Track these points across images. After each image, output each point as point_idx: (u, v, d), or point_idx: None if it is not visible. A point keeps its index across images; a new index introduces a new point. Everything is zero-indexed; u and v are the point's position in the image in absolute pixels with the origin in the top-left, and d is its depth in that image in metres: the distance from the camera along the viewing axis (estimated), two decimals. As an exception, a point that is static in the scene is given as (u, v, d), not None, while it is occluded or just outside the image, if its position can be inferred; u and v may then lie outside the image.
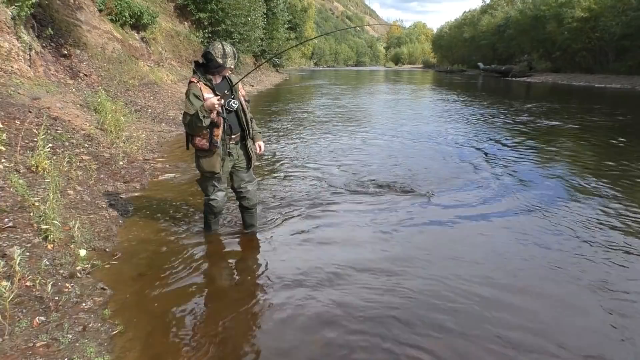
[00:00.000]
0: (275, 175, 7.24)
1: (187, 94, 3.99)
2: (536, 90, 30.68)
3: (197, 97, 3.90)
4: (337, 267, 4.04)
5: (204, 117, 3.81)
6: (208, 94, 3.93)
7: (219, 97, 3.87)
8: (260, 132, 4.54)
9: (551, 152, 9.25)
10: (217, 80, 4.10)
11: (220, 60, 3.94)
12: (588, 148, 9.76)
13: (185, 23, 23.10)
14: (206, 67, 4.04)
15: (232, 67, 4.07)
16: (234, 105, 4.04)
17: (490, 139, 10.62)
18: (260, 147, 4.45)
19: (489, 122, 13.64)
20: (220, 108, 3.91)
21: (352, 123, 13.62)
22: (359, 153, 9.12)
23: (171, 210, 5.30)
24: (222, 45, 3.96)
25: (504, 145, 9.93)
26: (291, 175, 7.20)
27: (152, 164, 7.25)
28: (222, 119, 4.04)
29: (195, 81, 4.00)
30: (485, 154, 8.96)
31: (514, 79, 44.37)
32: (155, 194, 5.90)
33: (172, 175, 6.81)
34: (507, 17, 57.02)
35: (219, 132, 4.05)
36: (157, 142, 8.90)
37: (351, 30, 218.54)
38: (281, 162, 8.18)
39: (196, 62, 4.11)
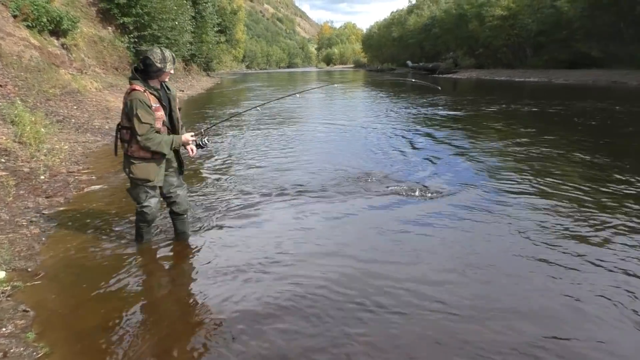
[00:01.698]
0: (206, 179, 7.15)
1: (134, 102, 3.83)
2: (462, 85, 32.03)
3: (147, 105, 3.84)
4: (270, 267, 4.05)
5: (172, 148, 3.93)
6: (155, 103, 3.90)
7: (193, 134, 4.12)
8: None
9: (482, 138, 9.71)
10: (157, 87, 4.05)
11: (159, 65, 3.89)
12: (512, 134, 10.32)
13: (109, 28, 22.27)
14: (145, 72, 3.96)
15: (172, 72, 4.05)
16: (207, 142, 4.19)
17: (421, 132, 11.01)
18: (193, 150, 4.30)
19: (418, 116, 14.10)
20: (193, 144, 4.09)
21: (284, 123, 13.72)
22: (290, 152, 9.25)
23: (99, 223, 5.10)
24: (161, 50, 3.93)
25: (432, 136, 10.34)
26: (222, 178, 7.15)
27: (76, 177, 6.94)
28: (166, 129, 4.02)
29: (142, 90, 3.89)
30: (412, 144, 9.32)
31: (441, 75, 46.03)
32: (81, 207, 5.66)
33: (98, 187, 6.55)
34: (432, 17, 59.13)
35: None
36: (82, 153, 8.53)
37: (282, 32, 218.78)
38: (212, 165, 8.10)
39: (135, 68, 4.01)
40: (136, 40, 22.81)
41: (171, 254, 4.44)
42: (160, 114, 3.97)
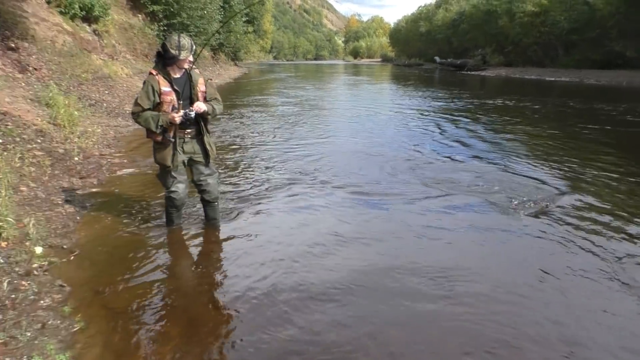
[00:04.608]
0: (238, 167, 7.20)
1: (143, 84, 4.02)
2: (491, 83, 31.55)
3: (153, 89, 3.93)
4: (298, 256, 4.08)
5: (161, 126, 3.95)
6: (165, 88, 3.96)
7: (177, 110, 4.00)
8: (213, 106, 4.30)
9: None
10: (178, 74, 4.08)
11: (174, 52, 3.93)
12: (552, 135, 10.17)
13: (139, 16, 22.50)
14: (163, 59, 4.02)
15: (188, 59, 4.05)
16: (191, 114, 4.02)
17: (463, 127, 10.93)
18: (198, 107, 4.10)
19: (444, 113, 13.97)
20: (179, 119, 3.99)
21: (315, 115, 13.71)
22: (323, 143, 9.23)
23: (130, 205, 5.20)
24: (178, 37, 3.96)
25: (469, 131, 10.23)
26: (253, 166, 7.19)
27: (109, 159, 7.07)
28: None
29: (154, 73, 3.99)
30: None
31: (469, 72, 45.30)
32: (113, 189, 5.77)
33: (130, 170, 6.66)
34: (461, 12, 58.18)
35: (172, 128, 4.09)
36: (113, 137, 8.68)
37: (309, 24, 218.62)
38: (244, 154, 8.14)
39: (158, 53, 4.08)
40: (165, 28, 22.96)
41: (201, 239, 4.50)
42: (171, 98, 4.02)
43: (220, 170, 6.74)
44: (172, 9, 23.37)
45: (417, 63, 69.09)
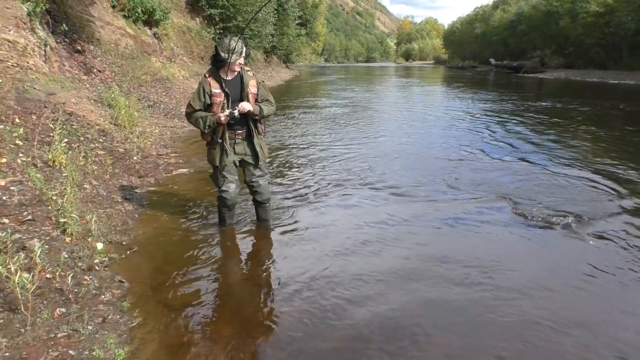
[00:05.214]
0: (289, 167, 7.29)
1: (198, 85, 4.17)
2: (549, 86, 30.47)
3: (204, 91, 4.08)
4: (348, 262, 4.05)
5: (208, 126, 4.09)
6: (216, 89, 4.06)
7: (222, 110, 4.08)
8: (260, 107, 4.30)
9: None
10: (230, 76, 4.16)
11: (223, 55, 4.00)
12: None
13: (197, 19, 23.17)
14: (216, 61, 4.12)
15: (238, 62, 4.10)
16: (234, 113, 4.05)
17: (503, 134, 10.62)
18: (242, 107, 4.11)
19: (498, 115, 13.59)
20: (225, 119, 4.07)
21: (364, 116, 13.69)
22: (371, 145, 9.21)
23: (186, 204, 5.34)
24: (229, 40, 4.00)
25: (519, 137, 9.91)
26: (304, 167, 7.25)
27: (165, 159, 7.29)
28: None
29: (207, 76, 4.12)
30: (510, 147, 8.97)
31: (526, 75, 43.89)
32: (169, 188, 5.94)
33: (185, 170, 6.84)
34: (519, 13, 56.52)
35: (220, 129, 4.19)
36: (170, 137, 8.95)
37: (361, 27, 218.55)
38: (294, 155, 8.22)
39: (213, 56, 4.19)
40: (221, 31, 23.52)
41: (252, 240, 4.56)
42: (220, 99, 4.10)
43: (271, 171, 6.81)
44: (228, 13, 23.92)
45: (470, 65, 67.68)
